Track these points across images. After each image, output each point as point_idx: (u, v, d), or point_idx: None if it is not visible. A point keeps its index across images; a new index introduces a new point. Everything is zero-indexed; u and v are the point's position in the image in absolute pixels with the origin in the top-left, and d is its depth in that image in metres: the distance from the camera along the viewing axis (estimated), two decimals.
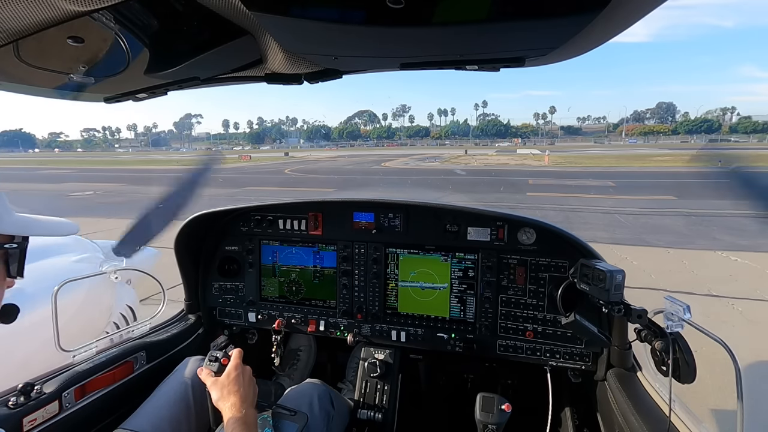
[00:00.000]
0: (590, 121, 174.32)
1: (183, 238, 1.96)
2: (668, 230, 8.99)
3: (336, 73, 1.10)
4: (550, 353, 1.71)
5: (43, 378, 1.38)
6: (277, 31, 0.84)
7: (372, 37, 0.84)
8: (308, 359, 2.40)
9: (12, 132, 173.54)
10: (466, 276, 1.81)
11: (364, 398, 1.80)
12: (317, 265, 2.00)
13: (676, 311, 1.18)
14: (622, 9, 0.63)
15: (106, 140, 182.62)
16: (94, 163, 49.95)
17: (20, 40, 0.73)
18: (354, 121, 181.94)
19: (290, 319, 2.02)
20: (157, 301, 1.97)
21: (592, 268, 1.37)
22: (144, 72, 0.96)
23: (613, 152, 55.05)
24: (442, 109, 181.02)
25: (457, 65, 0.95)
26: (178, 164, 42.12)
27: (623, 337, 1.51)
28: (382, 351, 1.90)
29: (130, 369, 1.63)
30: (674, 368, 1.16)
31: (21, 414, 1.22)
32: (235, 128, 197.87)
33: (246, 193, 17.10)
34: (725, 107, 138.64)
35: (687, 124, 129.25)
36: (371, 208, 1.89)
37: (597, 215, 10.65)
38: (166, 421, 1.40)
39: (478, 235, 1.77)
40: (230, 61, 1.01)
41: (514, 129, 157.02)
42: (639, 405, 1.33)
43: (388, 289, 1.91)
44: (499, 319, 1.77)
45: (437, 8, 0.67)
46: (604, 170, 25.11)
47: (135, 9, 0.71)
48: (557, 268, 1.69)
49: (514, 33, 0.79)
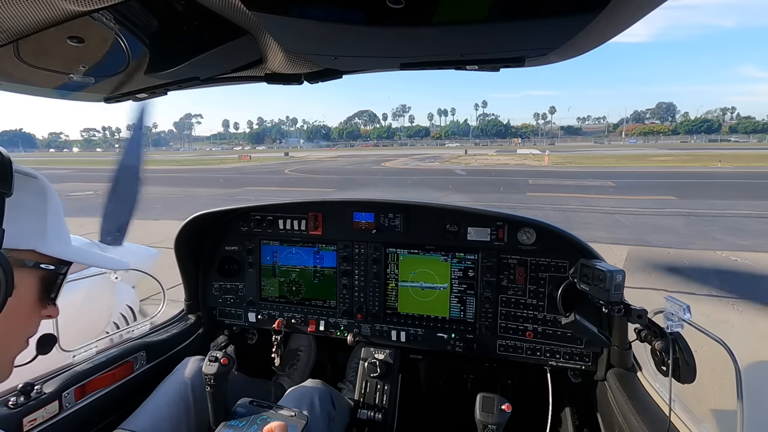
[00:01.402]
0: (590, 121, 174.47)
1: (183, 238, 1.96)
2: (668, 230, 8.99)
3: (336, 73, 1.10)
4: (550, 353, 1.71)
5: (43, 378, 1.38)
6: (277, 31, 0.84)
7: (372, 37, 0.84)
8: (308, 359, 2.40)
9: (12, 132, 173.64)
10: (466, 276, 1.81)
11: (364, 398, 1.80)
12: (317, 265, 2.00)
13: (676, 311, 1.18)
14: (622, 9, 0.63)
15: (106, 140, 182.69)
16: (94, 163, 50.01)
17: (20, 40, 0.73)
18: (354, 121, 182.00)
19: (290, 319, 2.02)
20: (157, 301, 1.98)
21: (592, 268, 1.37)
22: (144, 72, 0.96)
23: (613, 152, 55.10)
24: (442, 109, 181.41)
25: (457, 65, 0.95)
26: (178, 164, 42.14)
27: (623, 337, 1.51)
28: (382, 351, 1.90)
29: (130, 369, 1.63)
30: (674, 368, 1.16)
31: (21, 414, 1.22)
32: (235, 128, 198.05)
33: (246, 193, 17.11)
34: (725, 107, 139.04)
35: (687, 124, 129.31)
36: (371, 208, 1.89)
37: (597, 215, 10.66)
38: (166, 421, 1.39)
39: (478, 235, 1.77)
40: (230, 61, 1.01)
41: (514, 129, 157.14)
42: (639, 405, 1.33)
43: (388, 289, 1.91)
44: (499, 319, 1.77)
45: (437, 8, 0.67)
46: (604, 170, 25.14)
47: (135, 9, 0.71)
48: (557, 268, 1.69)
49: (514, 33, 0.79)
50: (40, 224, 0.74)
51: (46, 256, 0.75)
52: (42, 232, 0.74)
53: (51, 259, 0.76)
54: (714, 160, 30.46)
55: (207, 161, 49.45)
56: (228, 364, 1.33)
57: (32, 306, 0.76)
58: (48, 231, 0.75)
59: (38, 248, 0.73)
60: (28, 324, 0.77)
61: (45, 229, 0.75)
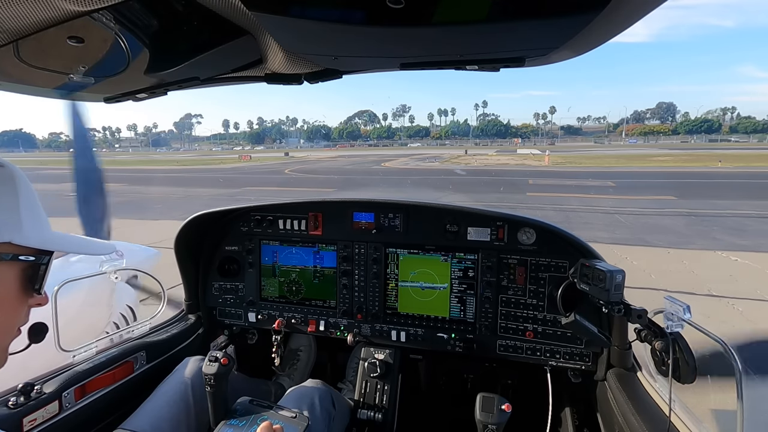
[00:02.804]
0: (590, 121, 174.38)
1: (183, 237, 1.96)
2: (668, 230, 8.99)
3: (336, 73, 1.10)
4: (550, 353, 1.71)
5: (43, 378, 1.38)
6: (277, 31, 0.84)
7: (372, 37, 0.84)
8: (308, 359, 2.40)
9: (12, 132, 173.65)
10: (466, 276, 1.81)
11: (364, 398, 1.80)
12: (317, 265, 2.00)
13: (676, 311, 1.18)
14: (622, 9, 0.63)
15: (106, 140, 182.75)
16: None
17: (20, 40, 0.73)
18: (354, 121, 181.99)
19: (290, 319, 2.02)
20: (157, 301, 1.97)
21: (592, 268, 1.37)
22: (144, 72, 0.96)
23: (613, 152, 55.07)
24: (442, 109, 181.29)
25: (457, 65, 0.95)
26: (178, 164, 42.13)
27: (623, 337, 1.51)
28: (382, 351, 1.90)
29: (130, 369, 1.63)
30: (674, 368, 1.16)
31: (21, 414, 1.22)
32: (235, 128, 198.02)
33: (246, 193, 17.11)
34: (725, 107, 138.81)
35: (687, 124, 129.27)
36: (371, 208, 1.89)
37: (597, 215, 10.65)
38: (166, 421, 1.39)
39: (478, 235, 1.77)
40: (230, 61, 1.01)
41: (514, 129, 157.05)
42: (639, 405, 1.33)
43: (388, 289, 1.91)
44: (499, 319, 1.77)
45: (437, 8, 0.67)
46: (604, 170, 25.13)
47: (135, 9, 0.71)
48: (557, 268, 1.69)
49: (514, 33, 0.79)
50: (12, 215, 0.71)
51: (24, 248, 0.72)
52: (16, 223, 0.71)
53: (30, 250, 0.74)
54: (714, 160, 30.46)
55: (207, 161, 49.46)
56: (228, 364, 1.33)
57: (16, 298, 0.74)
58: (23, 221, 0.72)
59: (14, 240, 0.70)
60: (14, 315, 0.75)
61: (19, 219, 0.71)
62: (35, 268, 0.75)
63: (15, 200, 0.72)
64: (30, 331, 0.94)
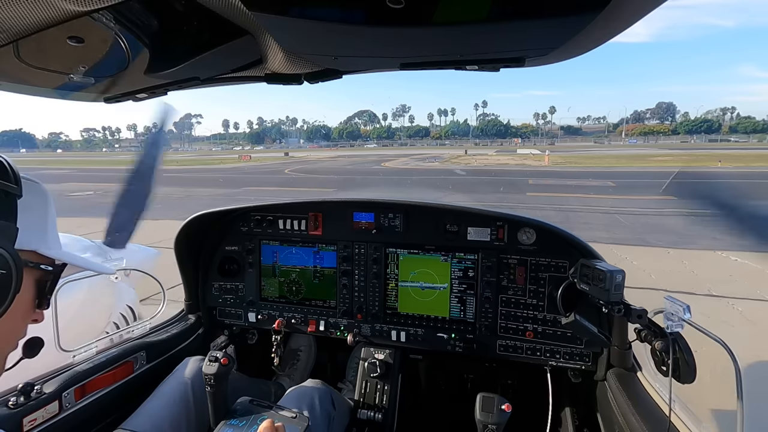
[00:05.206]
0: (590, 121, 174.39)
1: (183, 237, 1.96)
2: (668, 230, 8.99)
3: (336, 73, 1.10)
4: (550, 353, 1.71)
5: (43, 378, 1.38)
6: (277, 31, 0.84)
7: (372, 37, 0.84)
8: (308, 359, 2.40)
9: (12, 132, 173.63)
10: (466, 276, 1.81)
11: (364, 398, 1.80)
12: (317, 265, 2.00)
13: (676, 311, 1.18)
14: (622, 9, 0.63)
15: (106, 140, 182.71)
16: (94, 163, 49.99)
17: (20, 40, 0.73)
18: (354, 121, 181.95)
19: (290, 319, 2.02)
20: (157, 301, 1.97)
21: (592, 268, 1.37)
22: (144, 72, 0.96)
23: (613, 152, 55.06)
24: (442, 109, 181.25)
25: (457, 65, 0.95)
26: (178, 164, 42.12)
27: (623, 337, 1.51)
28: (382, 351, 1.90)
29: (130, 369, 1.63)
30: (674, 368, 1.16)
31: (21, 414, 1.22)
32: (235, 128, 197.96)
33: (246, 193, 17.11)
34: (725, 107, 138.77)
35: (687, 124, 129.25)
36: (371, 208, 1.89)
37: (597, 215, 10.66)
38: (166, 421, 1.40)
39: (478, 235, 1.77)
40: (230, 61, 1.01)
41: (514, 129, 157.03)
42: (639, 405, 1.33)
43: (388, 289, 1.91)
44: (499, 319, 1.77)
45: (437, 8, 0.67)
46: (604, 170, 25.12)
47: (135, 9, 0.71)
48: (557, 268, 1.69)
49: (514, 33, 0.79)
50: (41, 226, 0.77)
51: (46, 258, 0.77)
52: (43, 234, 0.77)
53: (50, 261, 0.78)
54: (714, 160, 30.45)
55: (207, 161, 49.44)
56: (228, 364, 1.33)
57: (28, 306, 0.77)
58: (48, 233, 0.78)
59: (40, 249, 0.75)
60: (22, 324, 0.79)
61: (46, 232, 0.78)
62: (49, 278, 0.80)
63: (44, 214, 0.79)
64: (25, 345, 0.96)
